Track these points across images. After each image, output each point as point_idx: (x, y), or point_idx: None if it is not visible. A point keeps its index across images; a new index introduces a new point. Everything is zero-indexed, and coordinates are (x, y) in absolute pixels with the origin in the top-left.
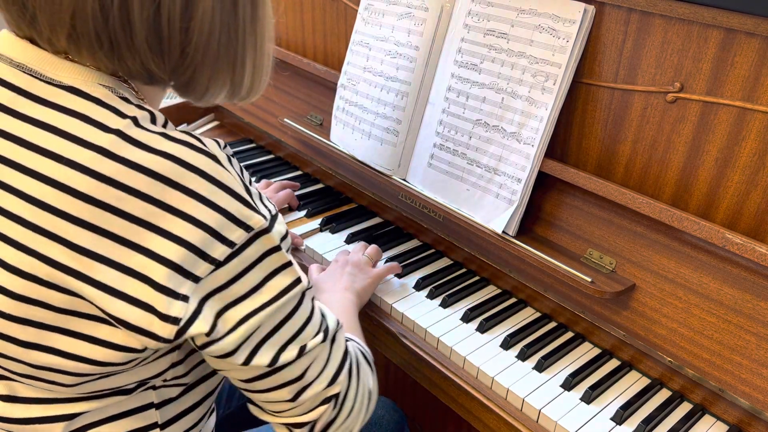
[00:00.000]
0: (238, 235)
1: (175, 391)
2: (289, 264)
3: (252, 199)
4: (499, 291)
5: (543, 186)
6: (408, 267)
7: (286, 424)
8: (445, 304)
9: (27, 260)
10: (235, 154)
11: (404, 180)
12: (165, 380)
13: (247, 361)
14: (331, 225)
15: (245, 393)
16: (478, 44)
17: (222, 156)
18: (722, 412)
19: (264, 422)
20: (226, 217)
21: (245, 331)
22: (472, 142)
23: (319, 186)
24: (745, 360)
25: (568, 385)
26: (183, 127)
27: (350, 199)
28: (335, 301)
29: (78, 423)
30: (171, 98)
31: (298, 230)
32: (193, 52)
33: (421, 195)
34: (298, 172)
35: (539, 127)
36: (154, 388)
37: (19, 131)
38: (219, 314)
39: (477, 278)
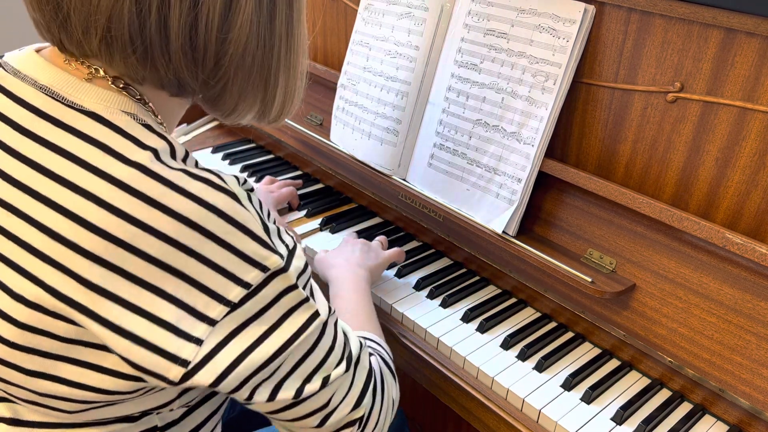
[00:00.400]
0: (253, 276)
1: (177, 414)
2: (305, 300)
3: (270, 238)
4: (499, 291)
5: (543, 186)
6: (408, 267)
7: None
8: (445, 304)
9: (32, 289)
10: (235, 154)
11: (404, 180)
12: (171, 408)
13: (271, 398)
14: (331, 225)
15: (271, 420)
16: (478, 44)
17: (242, 194)
18: (722, 412)
19: (267, 424)
20: (243, 259)
21: (267, 371)
22: (472, 142)
23: (319, 186)
24: (745, 360)
25: (568, 385)
26: (183, 127)
27: (350, 199)
28: (348, 277)
29: None
30: None
31: (298, 230)
32: (227, 64)
33: (421, 195)
34: (298, 172)
35: (539, 127)
36: (157, 412)
37: (37, 155)
38: (239, 360)
39: (477, 278)
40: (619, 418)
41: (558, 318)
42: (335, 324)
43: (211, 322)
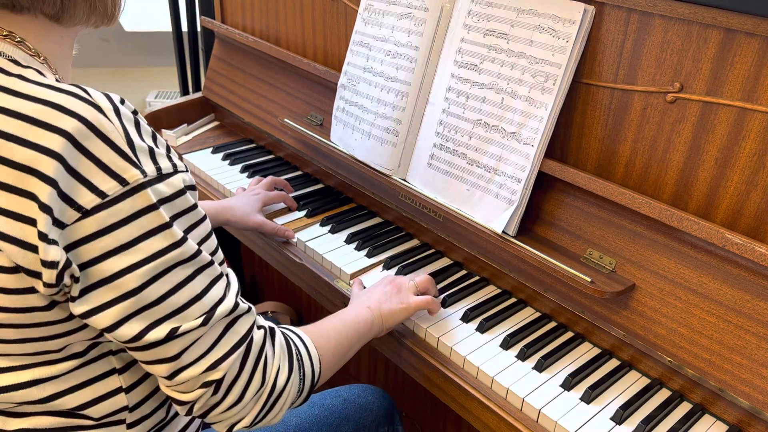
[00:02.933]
0: (109, 187)
1: (127, 357)
2: (167, 226)
3: (134, 153)
4: (498, 291)
5: (543, 186)
6: (408, 267)
7: (169, 396)
8: (444, 304)
9: None
10: (235, 154)
11: (404, 180)
12: (114, 344)
13: (111, 328)
14: (331, 225)
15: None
16: (478, 44)
17: (107, 107)
18: (722, 412)
19: None
20: (99, 167)
21: (113, 293)
22: (472, 142)
23: (319, 186)
24: (744, 360)
25: (568, 384)
26: (183, 127)
27: (350, 199)
28: (349, 317)
29: (41, 392)
30: (170, 98)
31: (298, 231)
32: None
33: (421, 195)
34: (298, 172)
35: (539, 127)
36: (113, 353)
37: None
38: (84, 267)
39: (477, 278)
40: (619, 417)
41: (558, 318)
42: (214, 279)
43: (61, 225)
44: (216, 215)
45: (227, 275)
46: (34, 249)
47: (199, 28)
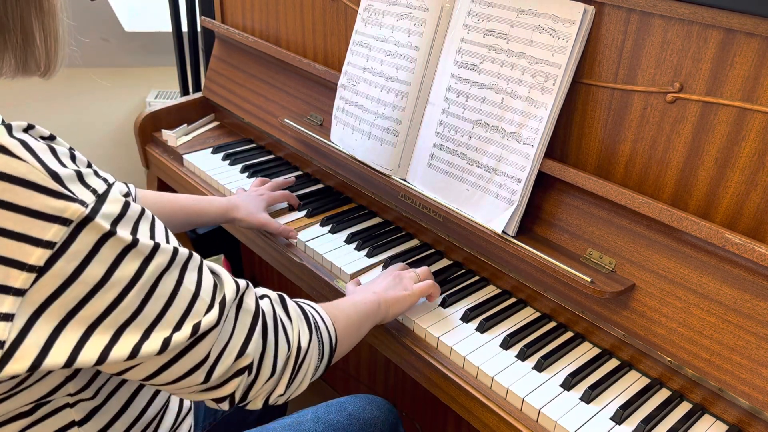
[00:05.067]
0: (54, 233)
1: (97, 401)
2: (132, 245)
3: (64, 186)
4: (498, 291)
5: (543, 186)
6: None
7: (209, 401)
8: (444, 304)
9: None
10: (235, 154)
11: (404, 180)
12: (71, 397)
13: (131, 357)
14: (331, 225)
15: (164, 389)
16: (478, 44)
17: (12, 144)
18: (722, 412)
19: (252, 426)
20: (32, 216)
21: (110, 331)
22: (471, 143)
23: (319, 186)
24: (744, 360)
25: (568, 384)
26: (183, 127)
27: (350, 199)
28: (355, 299)
29: None
30: (170, 98)
31: (298, 232)
32: None
33: (421, 195)
34: (298, 172)
35: (539, 128)
36: (70, 405)
37: None
38: (62, 324)
39: (477, 278)
40: (619, 417)
41: (558, 318)
42: (199, 268)
43: (18, 292)
44: (223, 213)
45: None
46: None
47: (199, 28)
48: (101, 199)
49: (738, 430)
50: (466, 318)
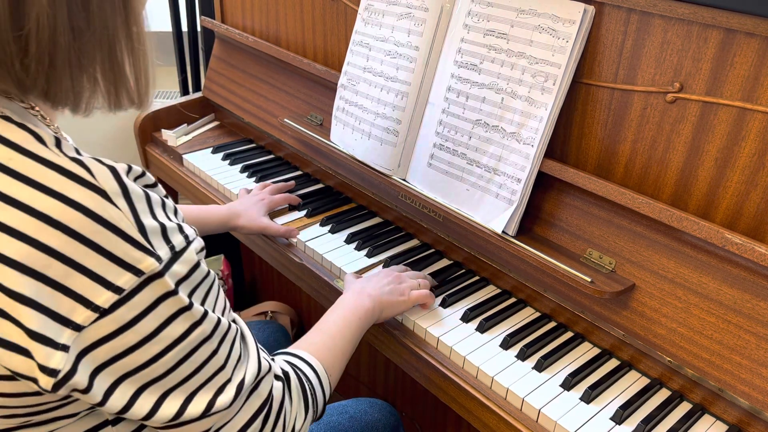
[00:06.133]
0: (125, 280)
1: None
2: (188, 307)
3: (147, 238)
4: (498, 291)
5: (543, 186)
6: (408, 267)
7: None
8: (444, 304)
9: None
10: (235, 154)
11: (404, 180)
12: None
13: (148, 417)
14: (331, 225)
15: None
16: (478, 44)
17: (114, 190)
18: (722, 412)
19: None
20: (112, 261)
21: (139, 382)
22: (471, 142)
23: (319, 186)
24: (744, 360)
25: (568, 384)
26: (183, 127)
27: (350, 199)
28: (347, 301)
29: None
30: (170, 98)
31: (298, 231)
32: (35, 64)
33: (421, 195)
34: (298, 172)
35: (539, 127)
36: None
37: None
38: (100, 369)
39: (477, 278)
40: (619, 417)
41: (557, 318)
42: (233, 341)
43: (77, 327)
44: (225, 222)
45: (239, 327)
46: (27, 353)
47: (199, 28)
48: (175, 257)
49: (738, 430)
50: (466, 318)
